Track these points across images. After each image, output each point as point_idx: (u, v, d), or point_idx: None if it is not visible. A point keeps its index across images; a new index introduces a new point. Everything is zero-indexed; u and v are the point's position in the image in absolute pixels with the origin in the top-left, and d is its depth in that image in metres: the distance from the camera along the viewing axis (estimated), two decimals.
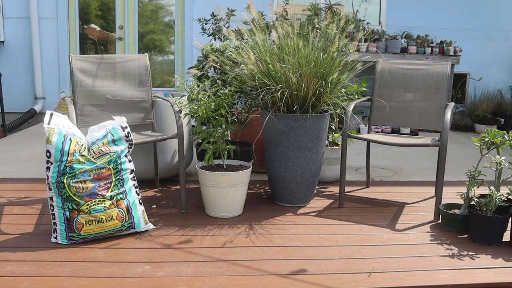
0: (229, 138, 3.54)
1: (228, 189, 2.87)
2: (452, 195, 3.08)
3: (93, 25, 6.51)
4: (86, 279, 2.11)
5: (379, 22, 6.69)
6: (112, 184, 2.53)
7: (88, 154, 2.49)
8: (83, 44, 6.51)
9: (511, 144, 2.71)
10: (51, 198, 2.47)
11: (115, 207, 2.51)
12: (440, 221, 2.94)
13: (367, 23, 6.16)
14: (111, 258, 2.33)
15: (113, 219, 2.50)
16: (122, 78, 3.22)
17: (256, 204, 3.18)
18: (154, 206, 3.09)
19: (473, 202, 2.81)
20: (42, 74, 6.27)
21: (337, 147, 3.64)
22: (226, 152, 2.99)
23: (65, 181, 2.42)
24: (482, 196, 2.81)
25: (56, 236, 2.48)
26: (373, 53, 5.86)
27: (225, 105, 2.94)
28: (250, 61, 2.99)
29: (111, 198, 2.51)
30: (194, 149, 3.96)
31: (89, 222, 2.45)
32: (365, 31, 5.88)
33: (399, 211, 3.14)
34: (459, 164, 4.48)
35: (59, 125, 2.50)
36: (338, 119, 3.73)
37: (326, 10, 3.94)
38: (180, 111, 3.03)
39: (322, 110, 3.15)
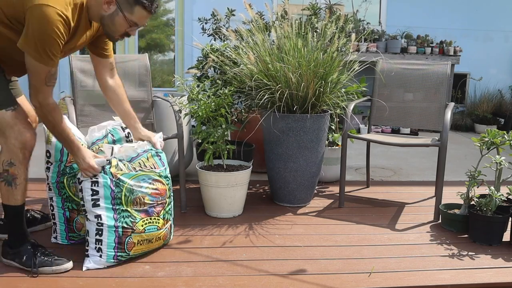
0: (229, 138, 3.54)
1: (228, 189, 2.87)
2: (452, 195, 3.08)
3: None
4: (86, 279, 2.11)
5: (379, 22, 6.69)
6: None
7: None
8: None
9: (511, 144, 2.71)
10: (51, 198, 2.47)
11: None
12: (440, 221, 2.94)
13: (367, 23, 6.16)
14: None
15: None
16: (122, 78, 3.19)
17: (256, 204, 3.18)
18: None
19: (473, 202, 2.80)
20: None
21: (337, 147, 3.64)
22: (226, 152, 2.99)
23: (65, 181, 2.42)
24: (482, 196, 2.81)
25: (56, 236, 2.48)
26: (373, 53, 5.85)
27: (225, 105, 2.94)
28: (250, 61, 2.99)
29: None
30: (194, 149, 3.96)
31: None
32: (365, 31, 5.88)
33: (399, 211, 3.14)
34: (459, 164, 4.48)
35: None
36: (338, 119, 3.73)
37: (326, 9, 3.94)
38: (180, 111, 3.03)
39: (322, 110, 3.15)
